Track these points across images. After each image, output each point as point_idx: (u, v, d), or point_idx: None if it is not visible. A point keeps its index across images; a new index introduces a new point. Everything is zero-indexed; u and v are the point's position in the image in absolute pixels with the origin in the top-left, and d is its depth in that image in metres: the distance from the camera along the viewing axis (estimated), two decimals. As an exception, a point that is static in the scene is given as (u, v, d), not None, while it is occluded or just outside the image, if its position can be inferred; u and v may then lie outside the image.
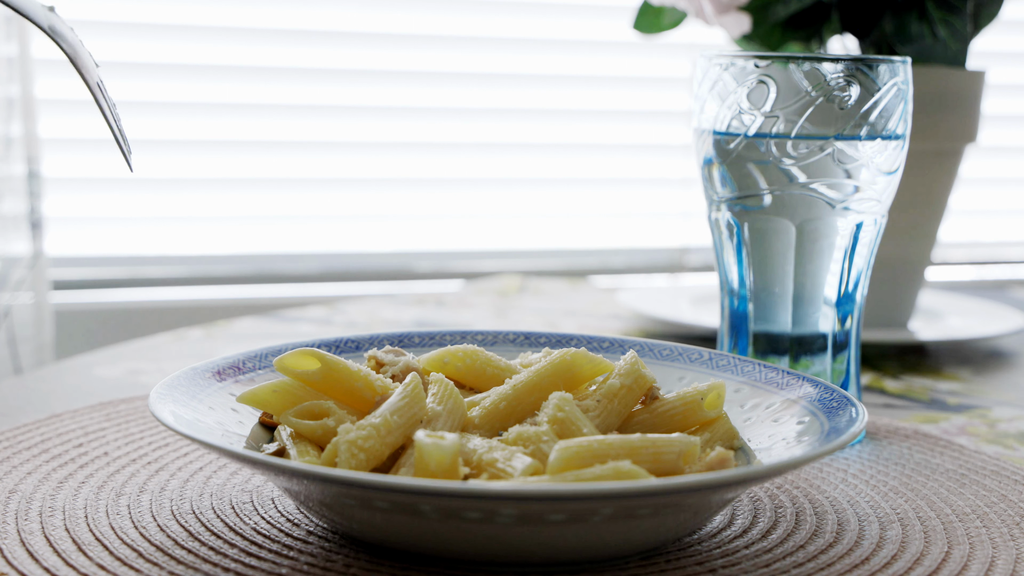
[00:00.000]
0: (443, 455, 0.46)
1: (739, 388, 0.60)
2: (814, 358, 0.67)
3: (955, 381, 0.84)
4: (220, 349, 0.88)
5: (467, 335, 0.65)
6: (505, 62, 1.65)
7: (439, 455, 0.46)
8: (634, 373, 0.55)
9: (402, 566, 0.47)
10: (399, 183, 1.62)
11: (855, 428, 0.50)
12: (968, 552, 0.51)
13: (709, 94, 0.65)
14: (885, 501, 0.57)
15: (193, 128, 1.52)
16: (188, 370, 0.56)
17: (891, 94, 0.64)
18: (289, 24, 1.53)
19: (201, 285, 1.55)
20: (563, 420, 0.51)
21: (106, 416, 0.66)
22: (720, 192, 0.66)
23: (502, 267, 1.65)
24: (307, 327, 0.98)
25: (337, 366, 0.54)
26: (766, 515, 0.54)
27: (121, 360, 0.83)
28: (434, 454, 0.46)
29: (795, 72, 0.63)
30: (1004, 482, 0.60)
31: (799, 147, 0.63)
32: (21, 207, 1.26)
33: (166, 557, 0.48)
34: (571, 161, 1.70)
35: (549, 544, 0.46)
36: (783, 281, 0.66)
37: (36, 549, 0.48)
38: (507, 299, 1.14)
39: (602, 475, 0.45)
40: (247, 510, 0.53)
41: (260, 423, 0.55)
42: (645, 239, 1.76)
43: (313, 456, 0.51)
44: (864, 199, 0.64)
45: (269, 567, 0.47)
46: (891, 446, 0.65)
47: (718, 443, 0.54)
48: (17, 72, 1.25)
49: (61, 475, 0.57)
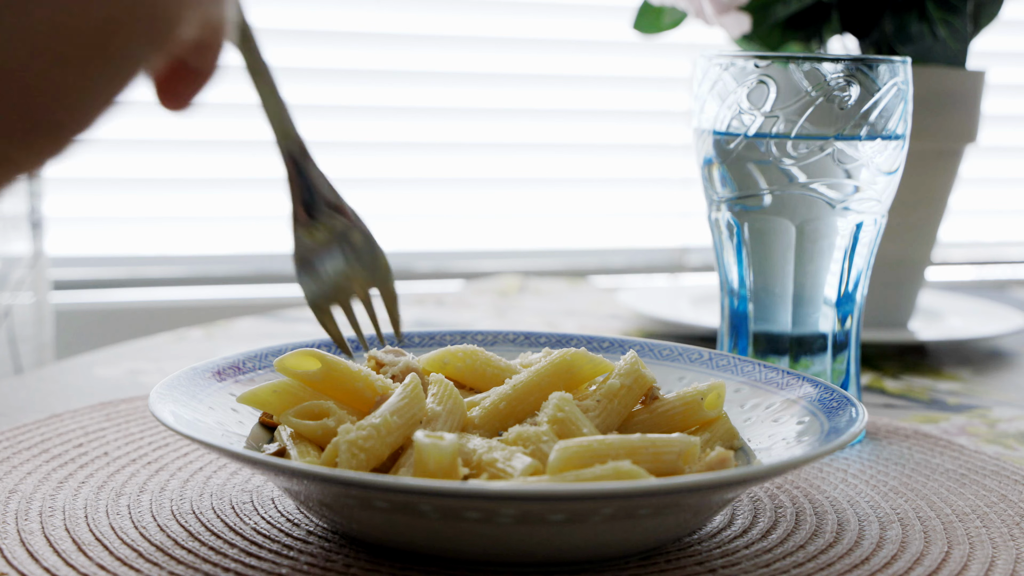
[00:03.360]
0: (442, 455, 0.46)
1: (739, 388, 0.60)
2: (814, 358, 0.67)
3: (955, 381, 0.84)
4: (220, 349, 0.88)
5: (467, 335, 0.65)
6: (505, 62, 1.65)
7: (438, 455, 0.46)
8: (634, 373, 0.55)
9: (402, 566, 0.47)
10: (399, 183, 1.62)
11: (855, 428, 0.50)
12: (968, 552, 0.51)
13: (709, 94, 0.65)
14: (885, 501, 0.57)
15: (193, 128, 1.52)
16: (188, 370, 0.56)
17: (891, 94, 0.64)
18: (289, 24, 1.53)
19: (201, 285, 1.55)
20: (563, 420, 0.51)
21: (106, 416, 0.66)
22: (720, 192, 0.66)
23: (502, 267, 1.65)
24: (307, 327, 0.98)
25: (337, 366, 0.54)
26: (766, 515, 0.54)
27: (121, 360, 0.83)
28: (433, 454, 0.46)
29: (795, 72, 0.63)
30: (1004, 482, 0.60)
31: (799, 147, 0.63)
32: (21, 207, 1.26)
33: (166, 557, 0.48)
34: (571, 161, 1.70)
35: (549, 544, 0.46)
36: (783, 281, 0.66)
37: (36, 549, 0.48)
38: (507, 299, 1.14)
39: (602, 475, 0.45)
40: (247, 510, 0.53)
41: (260, 423, 0.55)
42: (645, 239, 1.76)
43: (313, 456, 0.51)
44: (864, 199, 0.64)
45: (269, 567, 0.47)
46: (891, 446, 0.65)
47: (718, 443, 0.54)
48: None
49: (61, 475, 0.57)
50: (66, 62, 0.31)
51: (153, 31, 0.32)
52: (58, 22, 0.31)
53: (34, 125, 0.32)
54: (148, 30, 0.32)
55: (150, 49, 0.33)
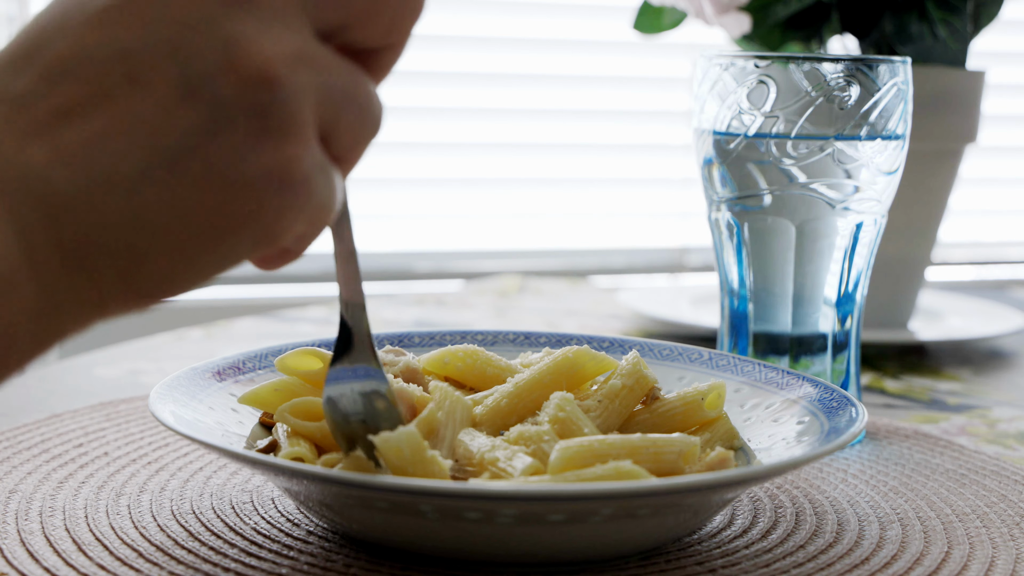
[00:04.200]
0: (398, 447, 0.45)
1: (739, 388, 0.60)
2: (814, 358, 0.67)
3: (955, 381, 0.84)
4: (220, 349, 0.88)
5: (467, 335, 0.65)
6: (505, 62, 1.65)
7: (395, 447, 0.45)
8: (636, 373, 0.55)
9: (402, 566, 0.47)
10: (399, 183, 1.62)
11: (855, 428, 0.50)
12: (968, 552, 0.51)
13: (709, 94, 0.65)
14: (885, 501, 0.57)
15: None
16: (188, 370, 0.56)
17: (891, 94, 0.64)
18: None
19: (201, 285, 1.55)
20: (564, 420, 0.51)
21: (106, 416, 0.66)
22: (720, 192, 0.66)
23: (502, 267, 1.65)
24: (307, 327, 0.98)
25: (338, 366, 0.54)
26: (766, 515, 0.54)
27: (121, 360, 0.83)
28: (391, 448, 0.45)
29: (795, 72, 0.63)
30: (1004, 482, 0.60)
31: (799, 147, 0.63)
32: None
33: (166, 557, 0.48)
34: (571, 161, 1.70)
35: (549, 544, 0.46)
36: (783, 281, 0.66)
37: (36, 549, 0.48)
38: (507, 299, 1.14)
39: (603, 475, 0.45)
40: (247, 510, 0.53)
41: (260, 423, 0.55)
42: (645, 239, 1.76)
43: (304, 447, 0.51)
44: (864, 199, 0.64)
45: (269, 567, 0.47)
46: (891, 446, 0.65)
47: (718, 443, 0.54)
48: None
49: (61, 475, 0.57)
50: (179, 251, 0.35)
51: (263, 235, 0.36)
52: (184, 213, 0.34)
53: (134, 294, 0.35)
54: (259, 234, 0.36)
55: (256, 248, 0.36)
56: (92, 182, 0.33)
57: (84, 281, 0.34)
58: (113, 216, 0.33)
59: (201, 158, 0.34)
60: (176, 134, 0.34)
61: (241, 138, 0.34)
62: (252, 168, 0.34)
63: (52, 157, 0.33)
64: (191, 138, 0.34)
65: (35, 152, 0.33)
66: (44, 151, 0.33)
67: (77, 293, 0.34)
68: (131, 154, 0.33)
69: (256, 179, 0.35)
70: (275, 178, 0.35)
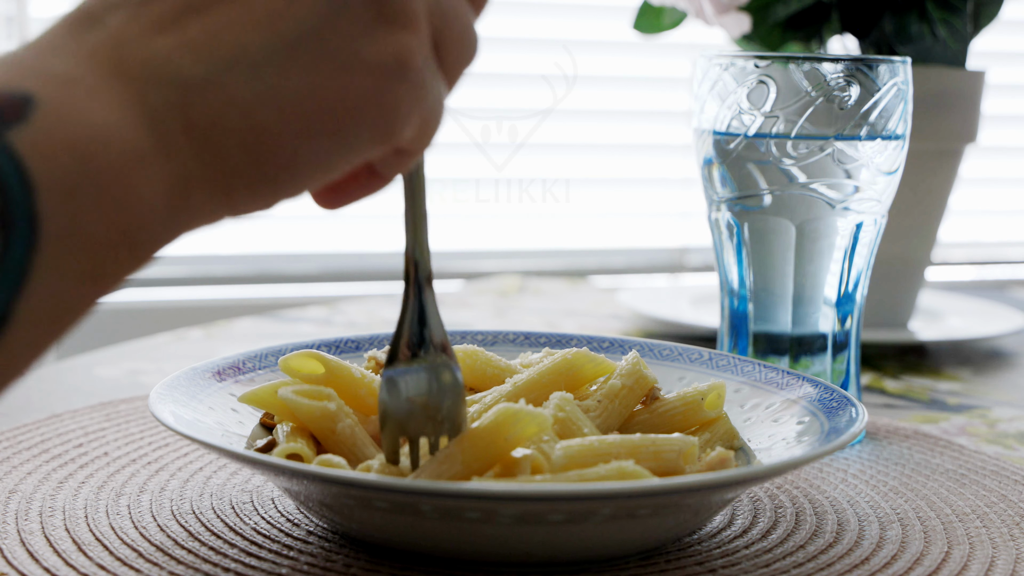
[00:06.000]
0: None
1: (739, 388, 0.60)
2: (814, 358, 0.67)
3: (955, 381, 0.84)
4: (220, 349, 0.88)
5: (467, 335, 0.65)
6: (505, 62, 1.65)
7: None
8: (635, 374, 0.55)
9: (402, 566, 0.47)
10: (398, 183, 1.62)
11: (855, 428, 0.50)
12: (968, 552, 0.51)
13: (709, 94, 0.65)
14: (885, 501, 0.57)
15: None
16: (188, 370, 0.56)
17: (891, 94, 0.64)
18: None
19: (201, 285, 1.55)
20: (564, 420, 0.51)
21: (106, 416, 0.66)
22: (720, 192, 0.66)
23: (502, 267, 1.65)
24: (307, 327, 0.98)
25: (341, 372, 0.54)
26: (766, 515, 0.54)
27: (121, 360, 0.83)
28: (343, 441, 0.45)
29: (795, 72, 0.63)
30: (1004, 482, 0.60)
31: (799, 147, 0.63)
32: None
33: (166, 557, 0.48)
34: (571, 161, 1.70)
35: (549, 544, 0.46)
36: (783, 281, 0.66)
37: (36, 549, 0.48)
38: (507, 299, 1.14)
39: (606, 475, 0.45)
40: (247, 510, 0.53)
41: (260, 423, 0.55)
42: (645, 239, 1.76)
43: (303, 443, 0.51)
44: (864, 199, 0.64)
45: (269, 567, 0.47)
46: (891, 446, 0.65)
47: (718, 443, 0.54)
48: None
49: (61, 475, 0.57)
50: (303, 133, 0.36)
51: (382, 124, 0.37)
52: (306, 94, 0.35)
53: (260, 178, 0.36)
54: (379, 122, 0.37)
55: (374, 141, 0.37)
56: (217, 66, 0.34)
57: (212, 158, 0.35)
58: (238, 97, 0.35)
59: (320, 41, 0.35)
60: (296, 20, 0.35)
61: (358, 23, 0.36)
62: (369, 52, 0.36)
63: (179, 44, 0.35)
64: (310, 22, 0.35)
65: (162, 42, 0.35)
66: (170, 40, 0.35)
67: (206, 171, 0.35)
68: (254, 39, 0.35)
69: (374, 63, 0.36)
70: (391, 64, 0.36)
